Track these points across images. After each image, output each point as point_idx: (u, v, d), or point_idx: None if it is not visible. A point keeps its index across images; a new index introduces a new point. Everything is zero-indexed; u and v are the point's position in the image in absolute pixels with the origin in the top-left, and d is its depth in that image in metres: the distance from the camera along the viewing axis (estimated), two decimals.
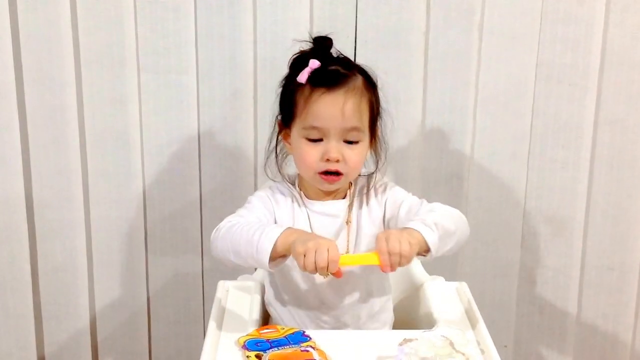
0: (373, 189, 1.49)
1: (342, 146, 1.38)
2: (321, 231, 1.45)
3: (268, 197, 1.47)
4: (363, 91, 1.38)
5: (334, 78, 1.36)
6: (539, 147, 1.94)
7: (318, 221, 1.47)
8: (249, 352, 1.25)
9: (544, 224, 1.99)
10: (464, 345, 1.24)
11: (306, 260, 1.23)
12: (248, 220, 1.37)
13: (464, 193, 1.97)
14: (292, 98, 1.38)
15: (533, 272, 2.03)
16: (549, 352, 2.08)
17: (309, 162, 1.39)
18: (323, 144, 1.38)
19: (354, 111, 1.36)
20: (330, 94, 1.35)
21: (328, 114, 1.35)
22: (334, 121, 1.36)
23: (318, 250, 1.23)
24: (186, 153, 1.92)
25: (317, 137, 1.38)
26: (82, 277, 1.97)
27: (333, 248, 1.24)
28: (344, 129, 1.37)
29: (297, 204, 1.47)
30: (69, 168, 1.89)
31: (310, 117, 1.36)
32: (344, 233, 1.47)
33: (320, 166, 1.39)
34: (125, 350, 2.04)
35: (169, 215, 1.96)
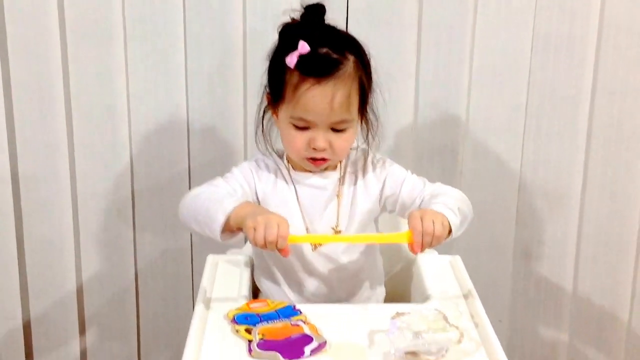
0: (371, 163, 1.49)
1: (329, 135, 1.38)
2: (308, 204, 1.46)
3: (250, 170, 1.48)
4: (354, 76, 1.37)
5: (324, 67, 1.34)
6: (535, 120, 1.93)
7: (305, 193, 1.47)
8: (239, 326, 1.25)
9: (540, 198, 1.99)
10: (458, 319, 1.25)
11: (256, 235, 1.24)
12: (216, 190, 1.39)
13: (458, 167, 1.96)
14: (281, 79, 1.37)
15: (528, 246, 2.03)
16: (545, 327, 2.08)
17: (295, 147, 1.40)
18: (310, 132, 1.38)
19: (343, 104, 1.36)
20: (319, 87, 1.33)
21: (316, 108, 1.35)
22: (322, 115, 1.36)
23: (267, 225, 1.24)
24: (174, 126, 1.91)
25: (304, 126, 1.38)
26: (69, 252, 1.96)
27: (283, 224, 1.25)
28: (331, 121, 1.37)
29: (283, 176, 1.48)
30: (55, 142, 1.89)
31: (298, 108, 1.36)
32: (332, 206, 1.47)
33: (307, 153, 1.40)
34: (113, 326, 2.04)
35: (157, 189, 1.95)
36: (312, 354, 1.18)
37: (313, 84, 1.33)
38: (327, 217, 1.47)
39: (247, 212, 1.29)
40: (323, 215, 1.47)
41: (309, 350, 1.18)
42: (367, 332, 1.25)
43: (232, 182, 1.45)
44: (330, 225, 1.47)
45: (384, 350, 1.19)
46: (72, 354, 2.05)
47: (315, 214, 1.47)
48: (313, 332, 1.23)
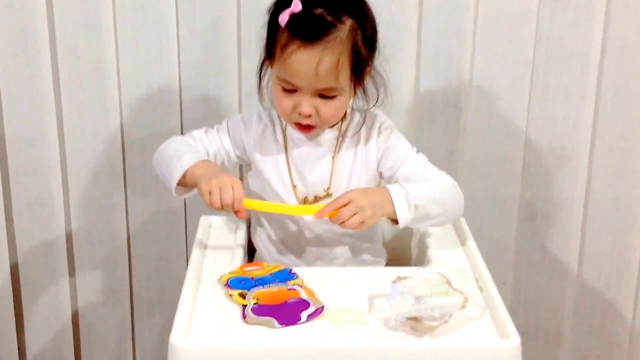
0: (377, 129, 1.45)
1: (315, 101, 1.34)
2: (298, 159, 1.43)
3: (238, 123, 1.47)
4: (346, 42, 1.30)
5: (314, 30, 1.28)
6: (542, 75, 1.87)
7: (297, 148, 1.44)
8: (232, 291, 1.22)
9: (547, 156, 1.94)
10: (462, 283, 1.21)
11: (212, 198, 1.26)
12: (182, 144, 1.42)
13: (462, 124, 1.91)
14: (273, 36, 1.33)
15: (534, 207, 1.99)
16: (550, 290, 2.05)
17: (282, 109, 1.38)
18: (296, 96, 1.34)
19: (329, 71, 1.30)
20: (305, 51, 1.28)
21: (301, 72, 1.30)
22: (307, 80, 1.31)
23: (223, 188, 1.26)
24: (166, 82, 1.84)
25: (291, 89, 1.34)
26: (58, 213, 1.92)
27: (237, 186, 1.27)
28: (317, 88, 1.32)
29: (274, 130, 1.46)
30: (41, 100, 1.83)
31: (283, 70, 1.32)
32: (326, 166, 1.44)
33: (293, 116, 1.37)
34: (106, 288, 2.01)
35: (148, 148, 1.79)
36: (309, 319, 1.15)
37: (299, 47, 1.28)
38: (319, 177, 1.43)
39: (201, 172, 1.30)
40: (314, 174, 1.43)
41: (305, 316, 1.15)
42: (367, 296, 1.22)
43: (213, 137, 1.46)
44: (323, 186, 1.44)
45: (385, 315, 1.15)
46: (63, 317, 2.02)
47: (305, 171, 1.43)
48: (310, 297, 1.19)
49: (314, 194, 1.44)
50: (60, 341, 2.03)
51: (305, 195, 1.44)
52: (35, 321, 2.01)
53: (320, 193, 1.43)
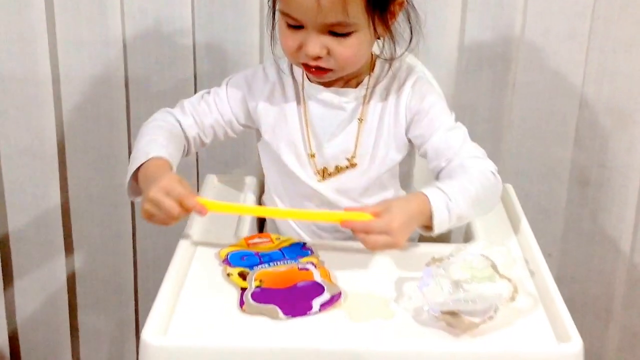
0: (411, 86, 1.23)
1: (324, 39, 1.12)
2: (318, 124, 1.24)
3: (239, 86, 1.28)
4: None
5: None
6: (602, 25, 1.70)
7: (315, 111, 1.24)
8: (231, 269, 1.03)
9: (603, 116, 1.78)
10: (509, 267, 1.02)
11: (156, 218, 1.07)
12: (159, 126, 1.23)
13: (510, 78, 1.76)
14: None
15: (586, 171, 1.84)
16: (600, 263, 1.90)
17: (286, 48, 1.17)
18: (303, 34, 1.13)
19: (335, 1, 1.08)
20: None
21: (300, 3, 1.10)
22: (308, 14, 1.10)
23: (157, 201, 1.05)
24: (177, 19, 1.68)
25: (296, 25, 1.13)
26: (52, 164, 1.77)
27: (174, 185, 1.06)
28: (323, 23, 1.10)
29: (284, 88, 1.26)
30: (32, 35, 1.66)
31: (283, 1, 1.13)
32: (351, 131, 1.23)
33: (300, 57, 1.16)
34: (106, 247, 1.86)
35: (156, 94, 1.74)
36: (322, 309, 0.95)
37: None
38: (342, 144, 1.23)
39: (142, 184, 1.12)
40: (336, 141, 1.23)
41: (318, 304, 0.95)
42: (394, 280, 1.03)
43: (207, 104, 1.27)
44: (345, 154, 1.23)
45: (415, 305, 0.97)
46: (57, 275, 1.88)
47: (326, 138, 1.24)
48: (325, 280, 1.01)
49: (334, 164, 1.24)
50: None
51: (324, 166, 1.25)
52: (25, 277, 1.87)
53: (342, 163, 1.24)
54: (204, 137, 1.26)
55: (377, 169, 1.23)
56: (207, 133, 1.26)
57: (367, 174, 1.23)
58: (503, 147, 1.80)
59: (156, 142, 1.18)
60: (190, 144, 1.24)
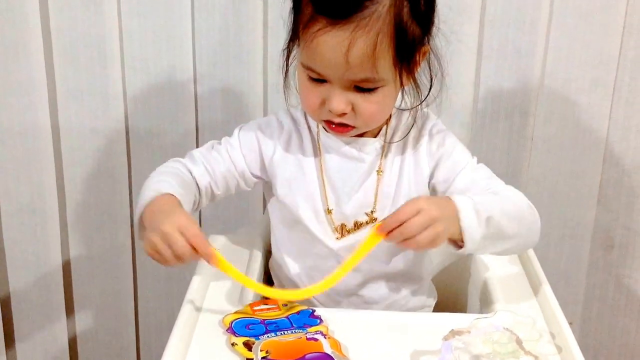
0: (428, 134, 1.26)
1: (350, 95, 1.14)
2: (337, 178, 1.26)
3: (253, 134, 1.29)
4: (387, 19, 1.10)
5: (343, 3, 1.09)
6: (628, 74, 1.75)
7: (334, 165, 1.26)
8: (236, 338, 1.05)
9: (629, 174, 1.82)
10: (535, 342, 1.02)
11: (163, 257, 1.07)
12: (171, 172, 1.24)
13: (529, 132, 1.80)
14: (297, 10, 1.16)
15: (610, 233, 1.87)
16: (625, 333, 1.92)
17: (308, 104, 1.19)
18: (326, 88, 1.15)
19: (365, 58, 1.10)
20: (332, 32, 1.09)
21: (328, 59, 1.11)
22: (335, 70, 1.12)
23: (168, 238, 1.06)
24: (178, 70, 1.75)
25: (319, 78, 1.15)
26: (53, 222, 1.84)
27: (188, 225, 1.07)
28: (350, 79, 1.13)
29: (301, 139, 1.28)
30: (31, 86, 1.75)
31: (307, 55, 1.14)
32: (370, 185, 1.25)
33: (323, 113, 1.18)
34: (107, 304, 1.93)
35: (158, 147, 1.81)
36: None
37: (325, 27, 1.10)
38: (361, 199, 1.24)
39: (147, 224, 1.11)
40: (356, 196, 1.24)
41: None
42: (409, 353, 1.04)
43: (218, 153, 1.28)
44: (365, 209, 1.25)
45: None
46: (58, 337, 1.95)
47: (345, 192, 1.25)
48: (335, 351, 1.01)
49: (353, 220, 1.25)
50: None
51: (343, 222, 1.26)
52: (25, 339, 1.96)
53: (361, 218, 1.25)
54: (216, 187, 1.26)
55: None
56: (219, 183, 1.26)
57: None
58: None
59: (167, 182, 1.19)
60: (202, 194, 1.25)
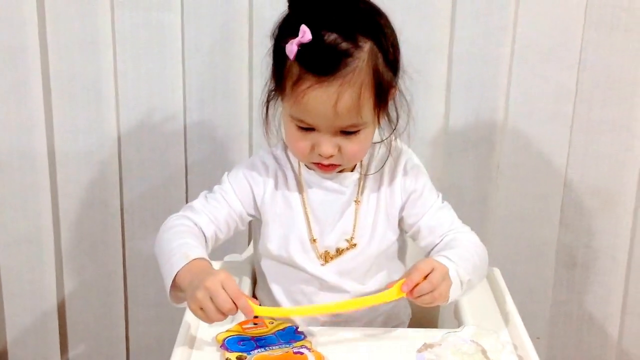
0: (403, 168, 1.32)
1: (337, 139, 1.20)
2: (320, 211, 1.31)
3: (244, 176, 1.32)
4: (367, 70, 1.16)
5: (328, 62, 1.14)
6: (585, 106, 1.80)
7: (316, 198, 1.31)
8: (229, 353, 1.10)
9: (588, 197, 1.87)
10: (499, 353, 1.10)
11: (208, 314, 1.10)
12: (181, 230, 1.25)
13: (495, 160, 1.84)
14: (281, 68, 1.19)
15: (573, 252, 1.91)
16: (588, 347, 1.96)
17: (298, 150, 1.25)
18: (315, 135, 1.20)
19: (351, 108, 1.16)
20: (321, 88, 1.15)
21: (318, 112, 1.17)
22: (325, 120, 1.18)
23: (212, 294, 1.09)
24: (169, 108, 1.79)
25: (307, 127, 1.20)
26: (48, 251, 1.86)
27: (228, 281, 1.11)
28: (338, 126, 1.19)
29: (286, 178, 1.32)
30: (30, 123, 1.78)
31: (297, 108, 1.18)
32: (349, 214, 1.30)
33: (313, 157, 1.24)
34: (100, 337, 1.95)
35: (148, 182, 1.84)
36: None
37: (314, 83, 1.15)
38: (342, 227, 1.30)
39: (186, 284, 1.14)
40: (336, 224, 1.30)
41: None
42: None
43: (215, 201, 1.31)
44: (345, 236, 1.30)
45: None
46: None
47: (328, 224, 1.31)
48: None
49: (335, 247, 1.31)
50: None
51: (326, 250, 1.31)
52: None
53: (342, 245, 1.30)
54: (220, 233, 1.29)
55: (377, 248, 1.30)
56: (223, 229, 1.29)
57: (366, 253, 1.29)
58: (489, 229, 1.85)
59: (189, 244, 1.21)
60: (209, 243, 1.28)
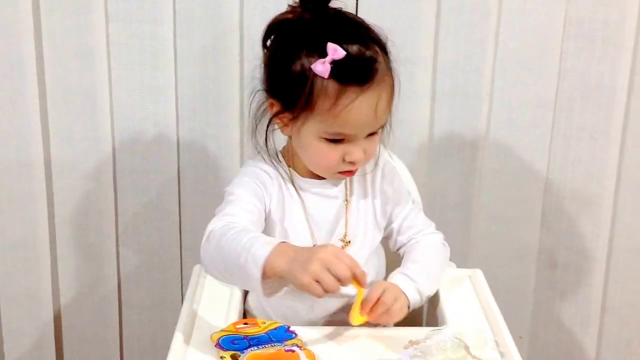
0: (381, 170, 1.38)
1: (363, 143, 1.25)
2: (317, 215, 1.34)
3: (256, 185, 1.30)
4: (387, 71, 1.23)
5: (366, 71, 1.19)
6: (565, 114, 1.83)
7: (313, 204, 1.34)
8: (224, 352, 1.13)
9: (568, 201, 1.89)
10: (481, 348, 1.13)
11: (325, 284, 1.06)
12: (237, 229, 1.17)
13: (478, 165, 1.87)
14: (304, 89, 1.20)
15: (554, 254, 1.93)
16: (570, 345, 1.98)
17: (327, 163, 1.27)
18: (345, 145, 1.24)
19: (385, 109, 1.23)
20: (363, 95, 1.19)
21: (360, 120, 1.21)
22: (366, 126, 1.23)
23: (329, 264, 1.06)
24: (162, 117, 1.80)
25: (339, 139, 1.23)
26: (44, 257, 1.86)
27: (340, 251, 1.11)
28: (371, 130, 1.24)
29: (286, 185, 1.33)
30: (28, 131, 1.78)
31: (339, 123, 1.20)
32: (341, 213, 1.35)
33: (341, 167, 1.27)
34: (94, 339, 1.95)
35: (142, 189, 1.85)
36: None
37: (357, 94, 1.18)
38: (337, 229, 1.34)
39: (285, 265, 1.08)
40: (332, 226, 1.34)
41: None
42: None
43: (245, 205, 1.26)
44: (339, 236, 1.34)
45: None
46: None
47: (324, 226, 1.34)
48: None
49: None
50: None
51: None
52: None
53: (338, 245, 1.33)
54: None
55: (369, 247, 1.34)
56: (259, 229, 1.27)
57: (360, 251, 1.32)
58: (472, 232, 1.88)
59: (260, 235, 1.16)
60: None
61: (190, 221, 1.87)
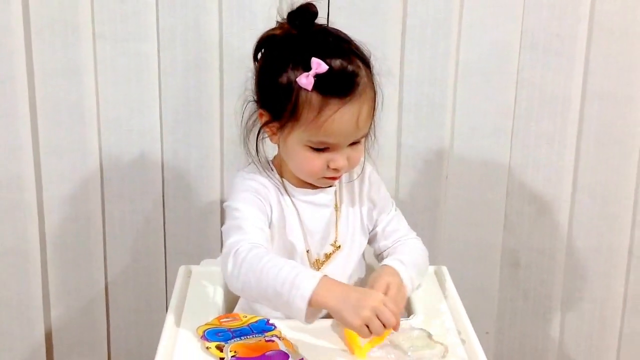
0: (368, 178, 1.42)
1: (347, 151, 1.29)
2: (311, 223, 1.37)
3: (259, 200, 1.32)
4: (368, 82, 1.27)
5: (347, 84, 1.23)
6: (523, 122, 1.88)
7: (306, 212, 1.37)
8: (209, 343, 1.19)
9: (528, 204, 1.94)
10: (443, 336, 1.21)
11: (373, 328, 1.12)
12: (271, 255, 1.21)
13: (443, 171, 1.91)
14: (289, 101, 1.24)
15: (516, 254, 1.98)
16: (533, 339, 2.04)
17: (312, 170, 1.30)
18: (329, 153, 1.28)
19: (367, 119, 1.27)
20: (345, 107, 1.22)
21: (342, 130, 1.25)
22: (348, 136, 1.26)
23: (379, 313, 1.13)
24: (147, 129, 1.83)
25: (323, 147, 1.27)
26: (34, 262, 1.88)
27: (387, 300, 1.16)
28: (353, 140, 1.28)
29: (282, 195, 1.36)
30: (18, 144, 1.80)
31: (322, 132, 1.24)
32: (332, 219, 1.39)
33: (326, 173, 1.30)
34: (82, 341, 1.98)
35: (128, 196, 1.88)
36: None
37: (339, 106, 1.22)
38: (328, 235, 1.39)
39: (334, 302, 1.14)
40: (323, 232, 1.38)
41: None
42: (347, 349, 1.20)
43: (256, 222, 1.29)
44: (329, 241, 1.39)
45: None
46: None
47: (318, 233, 1.38)
48: (289, 349, 1.17)
49: (324, 253, 1.38)
50: None
51: (317, 257, 1.38)
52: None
53: (328, 250, 1.38)
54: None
55: (357, 251, 1.39)
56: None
57: (350, 256, 1.38)
58: (439, 233, 1.91)
59: (297, 266, 1.19)
60: None
61: (173, 227, 1.89)
